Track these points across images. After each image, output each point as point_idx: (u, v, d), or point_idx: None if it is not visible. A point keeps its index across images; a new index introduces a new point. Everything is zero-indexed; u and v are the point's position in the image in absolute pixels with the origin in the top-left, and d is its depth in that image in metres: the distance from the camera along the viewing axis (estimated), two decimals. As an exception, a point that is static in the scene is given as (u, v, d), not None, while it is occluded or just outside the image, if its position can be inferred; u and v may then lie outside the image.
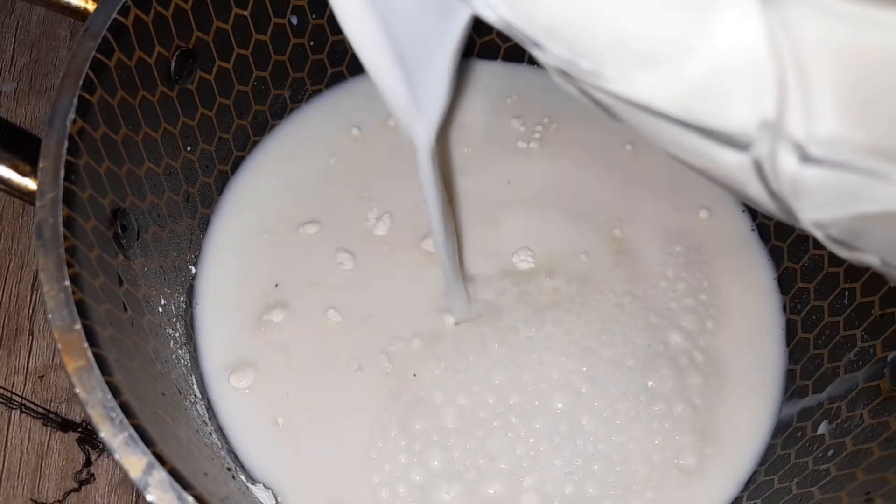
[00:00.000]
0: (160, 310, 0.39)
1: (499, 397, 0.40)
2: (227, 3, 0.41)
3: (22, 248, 0.52)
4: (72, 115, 0.32)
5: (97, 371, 0.28)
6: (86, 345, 0.29)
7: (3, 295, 0.50)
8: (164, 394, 0.35)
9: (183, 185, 0.43)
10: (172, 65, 0.39)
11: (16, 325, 0.50)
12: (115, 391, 0.28)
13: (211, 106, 0.44)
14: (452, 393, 0.41)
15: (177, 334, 0.41)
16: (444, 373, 0.41)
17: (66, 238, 0.30)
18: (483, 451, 0.39)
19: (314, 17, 0.47)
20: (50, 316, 0.29)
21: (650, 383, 0.41)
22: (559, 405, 0.40)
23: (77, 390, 0.28)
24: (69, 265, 0.30)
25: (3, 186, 0.33)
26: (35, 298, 0.50)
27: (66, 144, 0.32)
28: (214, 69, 0.43)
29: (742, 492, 0.40)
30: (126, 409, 0.28)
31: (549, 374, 0.41)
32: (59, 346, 0.29)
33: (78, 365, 0.28)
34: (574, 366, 0.41)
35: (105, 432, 0.28)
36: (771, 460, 0.40)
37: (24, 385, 0.48)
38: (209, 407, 0.40)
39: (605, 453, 0.40)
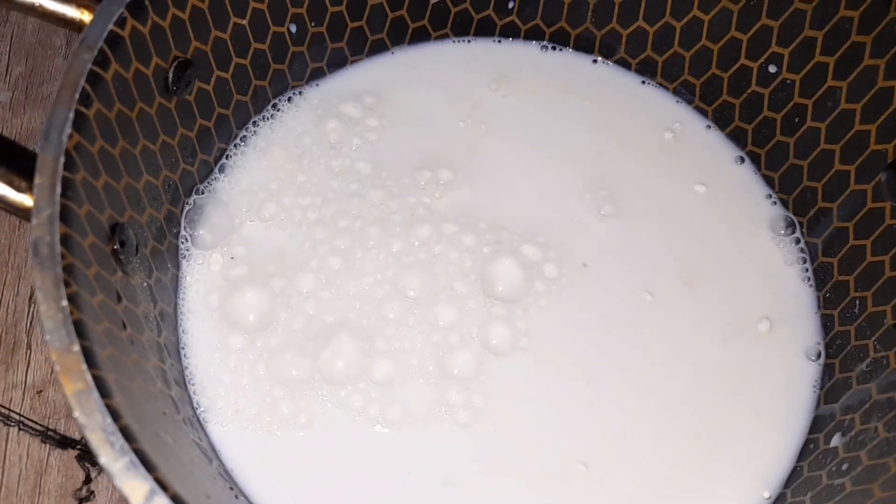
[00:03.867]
0: (161, 325, 0.39)
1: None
2: (225, 13, 0.41)
3: (19, 261, 0.51)
4: (68, 130, 0.31)
5: (96, 394, 0.28)
6: (84, 366, 0.28)
7: (0, 308, 0.50)
8: (165, 413, 0.34)
9: (182, 197, 0.42)
10: (170, 76, 0.39)
11: (13, 339, 0.49)
12: (115, 414, 0.28)
13: (209, 116, 0.43)
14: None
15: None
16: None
17: (63, 256, 0.30)
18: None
19: (313, 24, 0.46)
20: (47, 337, 0.28)
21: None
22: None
23: (76, 414, 0.27)
24: (66, 284, 0.29)
25: (-2, 203, 0.32)
26: (33, 312, 0.49)
27: (62, 160, 0.31)
28: (213, 79, 0.42)
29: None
30: (126, 433, 0.27)
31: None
32: (57, 368, 0.28)
33: (77, 388, 0.28)
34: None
35: (105, 457, 0.27)
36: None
37: (23, 400, 0.47)
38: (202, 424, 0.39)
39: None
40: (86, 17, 0.36)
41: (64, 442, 0.44)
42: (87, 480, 0.44)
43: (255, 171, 0.45)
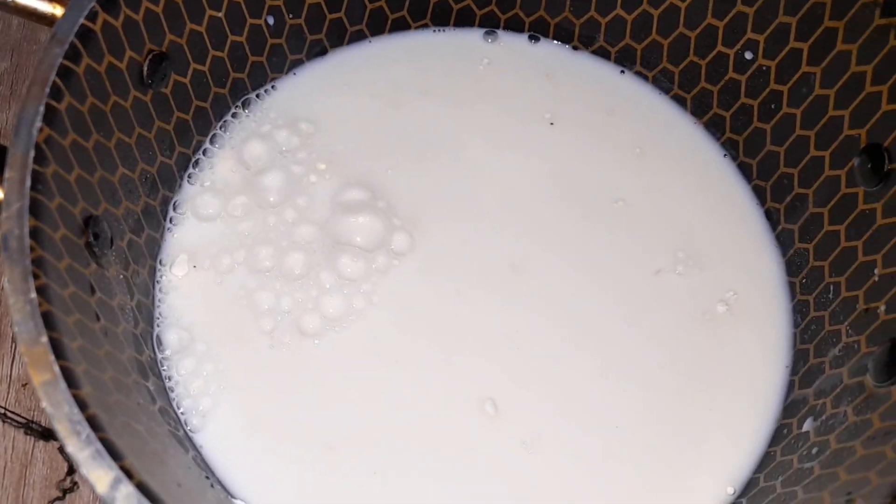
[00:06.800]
0: (138, 317, 0.39)
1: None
2: (200, 5, 0.41)
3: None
4: (38, 124, 0.32)
5: (63, 384, 0.28)
6: (52, 358, 0.28)
7: (-16, 302, 0.50)
8: (139, 403, 0.34)
9: (161, 191, 0.43)
10: (145, 69, 0.39)
11: (-1, 333, 0.49)
12: (82, 405, 0.28)
13: (187, 109, 0.43)
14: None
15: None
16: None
17: (32, 249, 0.30)
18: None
19: (291, 16, 0.46)
20: (16, 328, 0.29)
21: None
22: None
23: (43, 404, 0.28)
24: (35, 276, 0.29)
25: (-31, 197, 0.32)
26: (18, 305, 0.50)
27: (32, 154, 0.31)
28: (189, 72, 0.42)
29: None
30: (93, 423, 0.28)
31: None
32: (26, 359, 0.28)
33: (44, 378, 0.28)
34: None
35: (71, 447, 0.27)
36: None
37: (8, 393, 0.48)
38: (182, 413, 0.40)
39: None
40: (58, 11, 0.37)
41: (46, 434, 0.44)
42: (71, 472, 0.44)
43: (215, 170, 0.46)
